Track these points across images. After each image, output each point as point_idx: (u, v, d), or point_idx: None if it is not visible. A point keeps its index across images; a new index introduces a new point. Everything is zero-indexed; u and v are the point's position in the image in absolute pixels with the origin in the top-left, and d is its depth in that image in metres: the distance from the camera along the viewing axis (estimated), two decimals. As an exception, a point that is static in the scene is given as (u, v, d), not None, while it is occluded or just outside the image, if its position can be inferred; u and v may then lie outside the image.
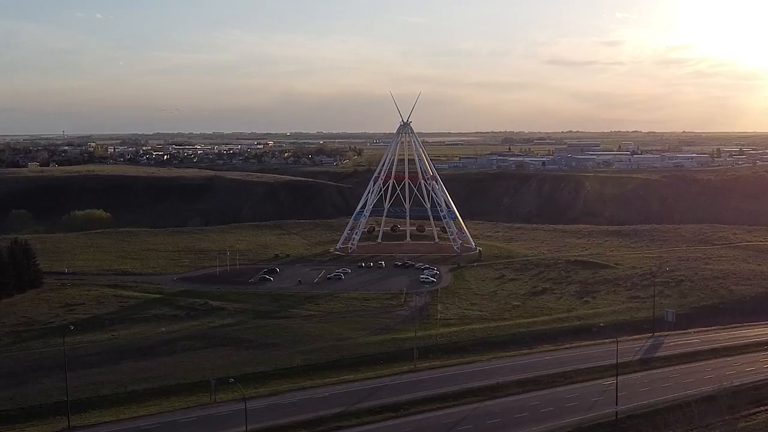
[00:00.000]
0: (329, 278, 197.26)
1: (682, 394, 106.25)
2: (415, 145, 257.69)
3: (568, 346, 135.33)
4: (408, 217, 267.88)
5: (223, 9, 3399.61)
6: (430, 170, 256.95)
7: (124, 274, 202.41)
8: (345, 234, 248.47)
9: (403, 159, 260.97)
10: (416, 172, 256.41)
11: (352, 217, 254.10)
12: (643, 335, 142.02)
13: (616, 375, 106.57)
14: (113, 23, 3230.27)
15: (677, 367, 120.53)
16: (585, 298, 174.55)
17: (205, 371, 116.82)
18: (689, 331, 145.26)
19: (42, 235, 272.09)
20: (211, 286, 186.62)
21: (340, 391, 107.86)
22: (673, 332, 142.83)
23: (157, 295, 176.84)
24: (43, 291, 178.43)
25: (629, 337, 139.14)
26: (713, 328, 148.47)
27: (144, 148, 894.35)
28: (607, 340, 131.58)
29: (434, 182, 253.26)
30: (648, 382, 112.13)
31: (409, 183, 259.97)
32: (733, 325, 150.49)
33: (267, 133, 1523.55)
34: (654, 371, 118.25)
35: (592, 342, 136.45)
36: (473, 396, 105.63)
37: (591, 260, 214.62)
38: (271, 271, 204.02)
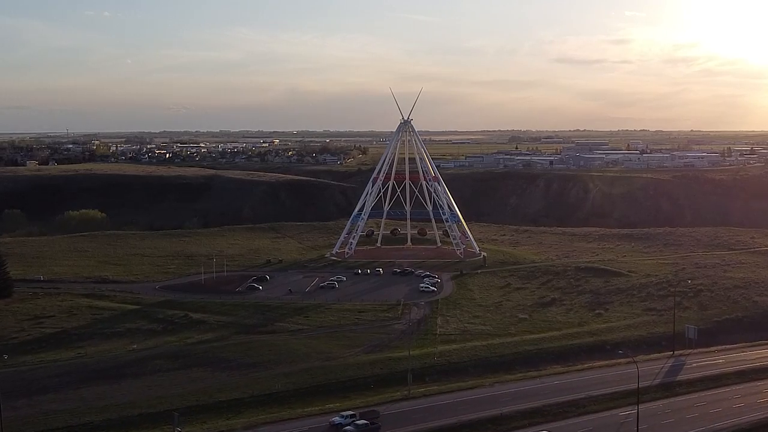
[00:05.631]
0: (322, 287, 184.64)
1: (711, 427, 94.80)
2: (416, 143, 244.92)
3: (579, 367, 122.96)
4: (408, 220, 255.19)
5: (230, 7, 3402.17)
6: (432, 170, 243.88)
7: (103, 281, 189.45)
8: (342, 238, 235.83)
9: (404, 158, 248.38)
10: (417, 172, 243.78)
11: (350, 220, 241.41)
12: (663, 354, 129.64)
13: (638, 406, 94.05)
14: (121, 21, 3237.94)
15: (702, 394, 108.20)
16: (597, 310, 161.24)
17: (173, 399, 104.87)
18: (712, 349, 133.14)
19: (24, 239, 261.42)
20: (194, 296, 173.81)
21: (322, 423, 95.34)
22: (695, 350, 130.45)
23: (135, 307, 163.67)
24: (13, 301, 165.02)
25: (647, 357, 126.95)
26: (738, 345, 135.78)
27: (148, 146, 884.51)
28: (622, 360, 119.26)
29: (436, 183, 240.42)
30: (671, 413, 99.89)
31: (410, 184, 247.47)
32: (760, 342, 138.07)
33: (274, 131, 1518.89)
34: (677, 399, 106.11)
35: (606, 362, 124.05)
36: (473, 430, 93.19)
37: (602, 267, 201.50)
38: (261, 279, 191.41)
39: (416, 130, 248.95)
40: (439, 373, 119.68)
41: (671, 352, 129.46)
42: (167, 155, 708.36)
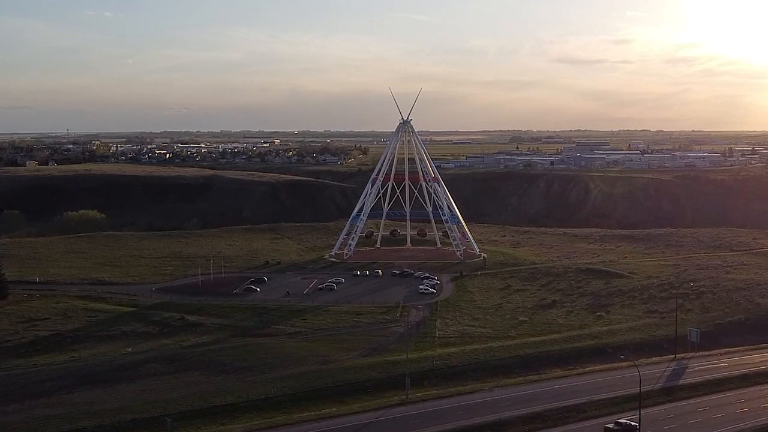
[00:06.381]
0: (320, 289, 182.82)
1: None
2: (416, 144, 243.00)
3: (580, 370, 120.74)
4: (408, 221, 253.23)
5: (230, 7, 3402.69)
6: (432, 171, 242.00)
7: (100, 283, 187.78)
8: (341, 239, 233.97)
9: (404, 159, 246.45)
10: (417, 173, 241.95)
11: (349, 221, 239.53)
12: (665, 357, 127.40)
13: (639, 411, 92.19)
14: (121, 21, 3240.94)
15: (705, 399, 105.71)
16: (598, 313, 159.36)
17: (168, 403, 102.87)
18: (714, 352, 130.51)
19: (21, 240, 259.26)
20: (191, 298, 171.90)
21: (317, 429, 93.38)
22: (697, 354, 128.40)
23: (131, 309, 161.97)
24: (8, 303, 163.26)
25: (648, 360, 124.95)
26: (741, 348, 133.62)
27: (148, 146, 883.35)
28: (623, 364, 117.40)
29: (436, 183, 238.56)
30: (673, 418, 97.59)
31: (409, 184, 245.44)
32: (763, 345, 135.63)
33: (275, 132, 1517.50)
34: (679, 403, 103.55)
35: (607, 366, 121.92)
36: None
37: (603, 268, 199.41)
38: (259, 281, 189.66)
39: (417, 130, 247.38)
40: (438, 377, 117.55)
41: (673, 356, 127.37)
42: (167, 155, 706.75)
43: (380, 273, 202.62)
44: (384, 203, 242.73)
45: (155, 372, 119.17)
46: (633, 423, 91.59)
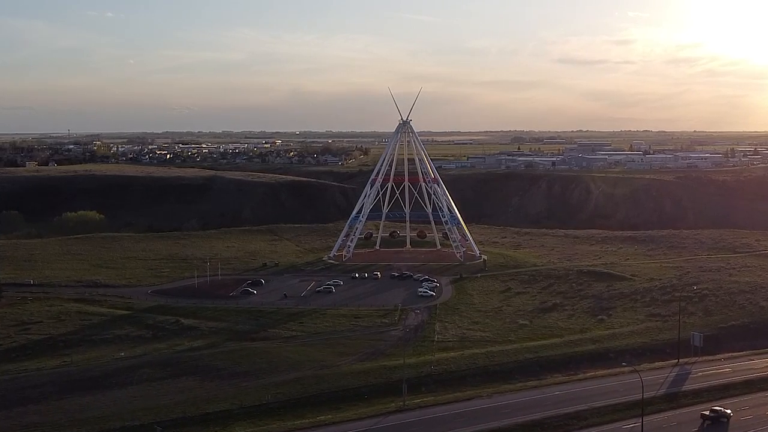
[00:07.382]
0: (318, 291, 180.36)
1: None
2: (416, 144, 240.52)
3: (581, 376, 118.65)
4: (408, 222, 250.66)
5: (232, 8, 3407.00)
6: (432, 171, 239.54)
7: (95, 285, 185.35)
8: (340, 241, 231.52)
9: (403, 160, 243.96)
10: (417, 174, 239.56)
11: (348, 222, 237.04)
12: (667, 362, 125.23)
13: (642, 418, 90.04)
14: (123, 22, 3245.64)
15: (708, 405, 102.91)
16: (600, 316, 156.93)
17: (159, 410, 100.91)
18: (718, 357, 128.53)
19: (16, 241, 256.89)
20: (186, 301, 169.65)
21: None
22: (701, 358, 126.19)
23: (125, 312, 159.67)
24: (0, 306, 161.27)
25: (651, 365, 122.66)
26: (745, 353, 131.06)
27: (149, 146, 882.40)
28: (626, 369, 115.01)
29: (436, 185, 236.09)
30: (676, 425, 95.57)
31: (409, 185, 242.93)
32: (767, 349, 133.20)
33: (276, 132, 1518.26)
34: (682, 410, 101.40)
35: (609, 371, 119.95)
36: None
37: (605, 271, 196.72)
38: (256, 283, 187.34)
39: (419, 130, 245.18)
40: (436, 382, 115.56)
41: (676, 360, 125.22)
42: (168, 156, 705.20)
43: (379, 275, 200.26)
44: (383, 204, 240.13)
45: (148, 377, 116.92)
46: (727, 411, 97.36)
